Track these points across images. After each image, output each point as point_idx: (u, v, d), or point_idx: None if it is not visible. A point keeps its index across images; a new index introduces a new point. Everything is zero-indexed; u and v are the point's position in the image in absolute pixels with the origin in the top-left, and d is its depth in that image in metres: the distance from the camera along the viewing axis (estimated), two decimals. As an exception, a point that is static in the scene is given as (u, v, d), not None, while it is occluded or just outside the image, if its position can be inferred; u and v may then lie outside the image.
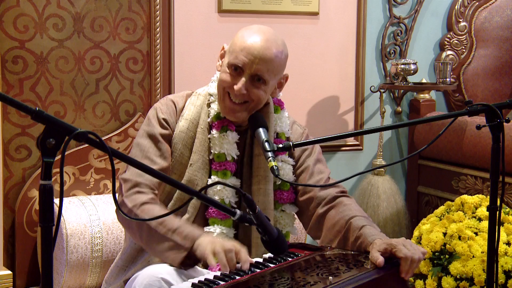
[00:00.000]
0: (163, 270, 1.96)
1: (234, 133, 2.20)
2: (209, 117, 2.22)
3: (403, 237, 2.09)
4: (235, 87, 2.12)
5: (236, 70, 2.13)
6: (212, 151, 2.19)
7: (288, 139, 2.31)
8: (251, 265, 1.98)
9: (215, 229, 2.14)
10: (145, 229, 2.03)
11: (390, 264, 1.94)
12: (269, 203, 2.21)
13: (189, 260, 1.96)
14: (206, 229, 2.15)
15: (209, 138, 2.20)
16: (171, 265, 1.99)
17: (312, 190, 2.25)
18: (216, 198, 2.16)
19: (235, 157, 2.20)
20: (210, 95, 2.26)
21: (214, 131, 2.20)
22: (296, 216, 2.34)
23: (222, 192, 2.17)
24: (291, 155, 2.29)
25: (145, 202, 2.05)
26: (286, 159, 2.26)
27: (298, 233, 2.38)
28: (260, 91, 2.15)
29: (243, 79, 2.12)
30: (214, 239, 1.95)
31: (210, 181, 2.17)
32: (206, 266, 2.10)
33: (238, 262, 2.11)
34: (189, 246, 1.94)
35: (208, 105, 2.24)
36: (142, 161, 2.12)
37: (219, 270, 1.99)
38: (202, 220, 2.19)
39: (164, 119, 2.20)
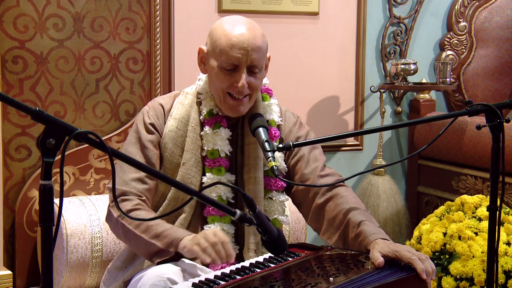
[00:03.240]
0: (169, 270, 1.97)
1: (226, 129, 2.21)
2: (200, 115, 2.22)
3: (403, 237, 2.08)
4: (239, 84, 2.11)
5: (230, 69, 2.14)
6: (205, 148, 2.19)
7: (278, 127, 2.31)
8: (252, 265, 1.99)
9: (216, 226, 2.15)
10: (131, 236, 2.08)
11: (408, 270, 1.92)
12: (259, 191, 2.21)
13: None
14: (206, 227, 2.16)
15: (201, 136, 2.21)
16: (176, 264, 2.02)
17: (309, 179, 2.25)
18: (214, 195, 2.16)
19: (228, 153, 2.21)
20: (200, 93, 2.25)
21: (207, 128, 2.20)
22: (286, 205, 2.34)
23: (219, 189, 2.17)
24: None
25: (129, 210, 2.08)
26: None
27: (289, 222, 2.37)
28: (258, 80, 2.17)
29: (243, 75, 2.12)
30: (195, 235, 1.97)
31: (205, 179, 2.18)
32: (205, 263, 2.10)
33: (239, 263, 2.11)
34: (174, 251, 1.99)
35: (199, 103, 2.24)
36: (128, 168, 2.15)
37: (222, 268, 1.99)
38: (199, 219, 2.19)
39: (151, 124, 2.20)
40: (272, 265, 1.98)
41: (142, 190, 2.13)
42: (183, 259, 2.12)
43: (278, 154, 2.25)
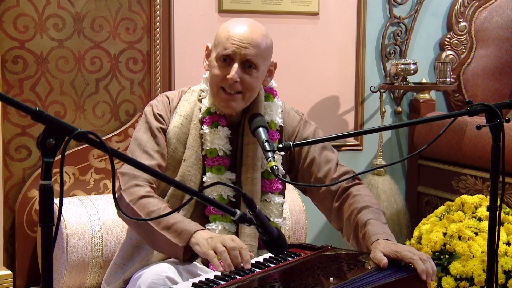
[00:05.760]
0: (168, 269, 1.97)
1: (225, 128, 2.21)
2: (200, 112, 2.24)
3: (403, 237, 2.08)
4: (229, 75, 2.12)
5: (225, 61, 2.14)
6: (204, 147, 2.20)
7: (280, 128, 2.30)
8: (252, 265, 1.98)
9: (217, 225, 2.15)
10: (142, 225, 2.06)
11: (408, 270, 1.92)
12: (256, 192, 2.21)
13: (190, 253, 1.99)
14: (208, 226, 2.16)
15: (201, 134, 2.21)
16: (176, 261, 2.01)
17: (324, 182, 2.24)
18: (214, 194, 2.17)
19: (228, 152, 2.21)
20: (202, 91, 2.27)
21: (205, 127, 2.21)
22: (284, 206, 2.34)
23: (219, 187, 2.17)
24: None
25: (142, 196, 2.07)
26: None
27: (286, 224, 2.37)
28: (253, 79, 2.15)
29: (235, 66, 2.12)
30: (211, 234, 1.96)
31: (205, 178, 2.18)
32: (205, 262, 2.10)
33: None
34: (184, 244, 1.96)
35: (200, 101, 2.26)
36: (140, 155, 2.15)
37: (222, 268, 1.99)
38: (198, 217, 2.19)
39: (159, 115, 2.23)
40: (272, 265, 1.98)
41: (152, 178, 2.13)
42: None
43: (276, 157, 2.25)
